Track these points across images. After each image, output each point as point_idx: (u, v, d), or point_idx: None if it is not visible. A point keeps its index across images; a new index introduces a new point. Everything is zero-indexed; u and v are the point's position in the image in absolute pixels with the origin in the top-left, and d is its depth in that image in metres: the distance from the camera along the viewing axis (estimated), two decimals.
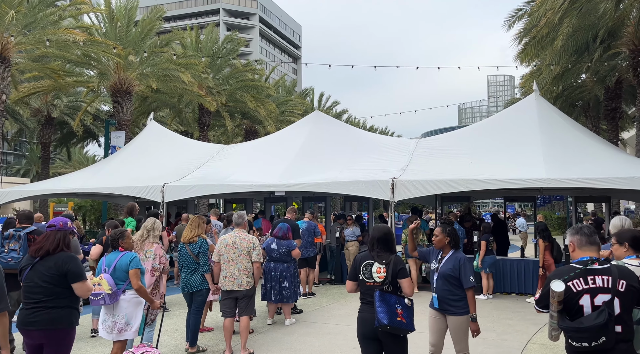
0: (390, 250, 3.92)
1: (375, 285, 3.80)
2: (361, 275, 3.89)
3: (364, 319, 3.83)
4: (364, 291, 3.88)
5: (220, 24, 79.83)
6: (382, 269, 3.81)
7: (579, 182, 8.44)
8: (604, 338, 2.71)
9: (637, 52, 16.06)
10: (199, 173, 12.06)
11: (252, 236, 6.11)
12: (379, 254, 3.87)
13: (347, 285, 4.02)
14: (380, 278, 3.79)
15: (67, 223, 3.89)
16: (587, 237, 3.04)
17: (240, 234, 5.96)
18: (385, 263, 3.82)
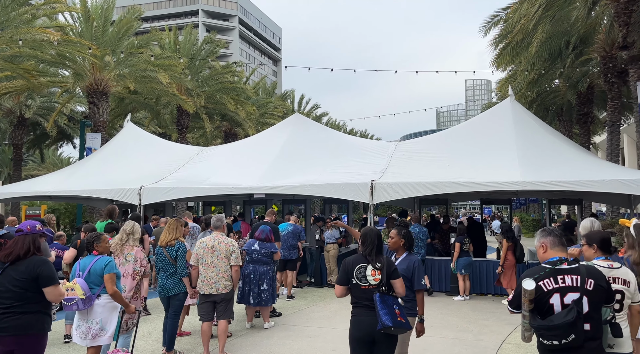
0: (381, 252, 3.93)
1: (371, 288, 3.77)
2: (355, 279, 3.82)
3: (361, 323, 3.77)
4: (358, 295, 3.82)
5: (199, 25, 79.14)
6: (377, 272, 3.79)
7: (552, 185, 8.65)
8: (573, 335, 2.79)
9: (608, 59, 16.57)
10: (177, 175, 11.93)
11: (231, 239, 6.09)
12: (374, 257, 3.85)
13: (337, 290, 3.92)
14: (376, 280, 3.78)
15: (36, 226, 3.81)
16: (558, 238, 3.13)
17: (219, 238, 5.94)
18: (379, 266, 3.81)
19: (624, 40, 13.69)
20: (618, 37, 14.21)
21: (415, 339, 6.26)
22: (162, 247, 5.94)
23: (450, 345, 6.27)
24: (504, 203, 15.62)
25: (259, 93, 33.32)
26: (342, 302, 8.97)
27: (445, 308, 8.62)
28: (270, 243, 7.45)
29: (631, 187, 8.29)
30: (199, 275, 5.87)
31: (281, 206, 16.69)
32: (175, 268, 5.83)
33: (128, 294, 5.35)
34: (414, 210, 15.17)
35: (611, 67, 16.54)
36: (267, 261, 7.36)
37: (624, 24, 13.49)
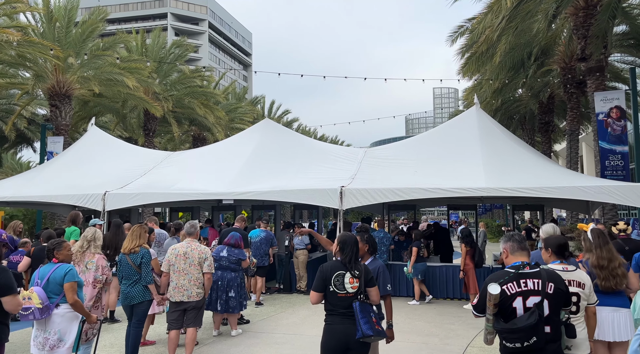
0: (358, 259, 3.89)
1: (348, 296, 3.70)
2: (332, 286, 3.73)
3: (336, 331, 3.69)
4: (334, 302, 3.74)
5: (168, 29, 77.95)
6: (355, 280, 3.73)
7: (515, 191, 8.90)
8: (535, 338, 2.87)
9: (568, 70, 17.25)
10: (144, 181, 11.67)
11: (204, 246, 6.02)
12: (353, 264, 3.79)
13: (312, 296, 3.80)
14: (354, 288, 3.71)
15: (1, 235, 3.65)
16: (518, 243, 3.22)
17: (192, 244, 5.87)
18: (358, 274, 3.75)
19: (582, 53, 14.29)
20: (577, 49, 14.81)
21: (383, 344, 6.31)
22: (125, 255, 5.78)
23: (417, 350, 6.34)
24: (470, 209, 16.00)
25: (229, 98, 33.03)
26: (311, 308, 8.94)
27: (413, 313, 8.72)
28: (239, 250, 7.38)
29: (589, 194, 8.61)
30: (170, 282, 5.77)
31: (251, 212, 16.55)
32: (140, 275, 5.69)
33: (88, 303, 5.17)
34: (383, 216, 15.33)
35: (570, 78, 17.22)
36: (235, 268, 7.29)
37: (582, 37, 14.08)
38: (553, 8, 12.07)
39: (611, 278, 4.11)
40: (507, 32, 13.42)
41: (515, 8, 12.43)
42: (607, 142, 12.57)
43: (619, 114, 12.42)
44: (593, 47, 13.66)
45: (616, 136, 12.44)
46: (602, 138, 12.76)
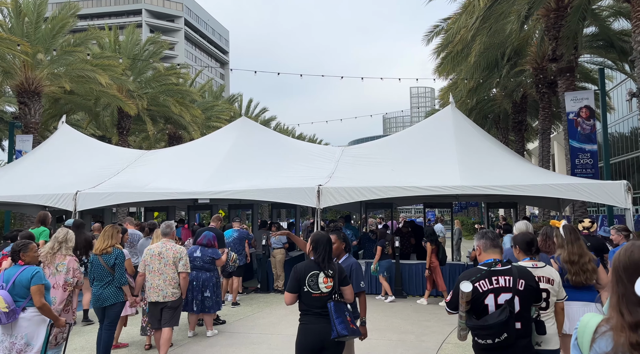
0: (332, 258, 3.86)
1: (322, 296, 3.68)
2: (306, 287, 3.69)
3: (311, 331, 3.66)
4: (308, 303, 3.70)
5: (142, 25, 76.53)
6: (329, 280, 3.70)
7: (489, 189, 9.05)
8: (506, 334, 2.91)
9: (539, 70, 17.64)
10: (117, 180, 11.43)
11: (179, 246, 5.99)
12: (326, 264, 3.76)
13: (287, 297, 3.76)
14: (328, 288, 3.69)
15: None
16: (491, 241, 3.26)
17: (167, 244, 5.85)
18: (332, 273, 3.72)
19: (554, 53, 14.63)
20: (548, 50, 15.16)
21: (359, 341, 6.32)
22: (97, 255, 5.65)
23: (393, 347, 6.38)
24: (446, 207, 16.18)
25: (206, 96, 32.64)
26: (288, 307, 8.91)
27: (389, 310, 8.78)
28: (213, 249, 7.30)
29: (560, 191, 8.81)
30: (146, 282, 5.74)
31: (227, 211, 16.40)
32: (112, 276, 5.57)
33: (58, 307, 5.02)
34: (360, 214, 15.39)
35: (542, 78, 17.61)
36: (210, 268, 7.21)
37: (553, 38, 14.41)
38: (525, 9, 12.31)
39: (581, 272, 4.22)
40: (481, 32, 13.64)
41: (488, 9, 12.63)
42: (577, 141, 12.89)
43: (589, 113, 12.75)
44: (564, 48, 13.99)
45: (586, 135, 12.78)
46: (572, 137, 13.09)
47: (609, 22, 15.94)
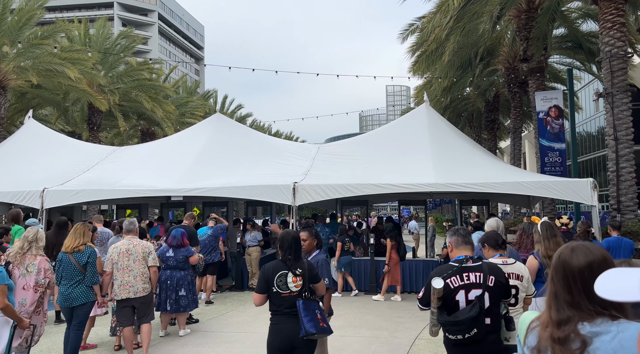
0: (300, 256, 3.83)
1: (292, 295, 3.64)
2: (275, 287, 3.65)
3: (280, 331, 3.63)
4: (278, 303, 3.67)
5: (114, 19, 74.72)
6: (298, 278, 3.66)
7: (462, 187, 9.19)
8: (476, 329, 2.95)
9: (511, 70, 18.00)
10: (87, 177, 11.15)
11: (146, 241, 6.01)
12: (294, 263, 3.71)
13: (256, 298, 3.71)
14: (297, 287, 3.65)
15: None
16: (463, 237, 3.30)
17: (133, 241, 5.89)
18: (300, 272, 3.68)
19: (524, 54, 14.95)
20: (519, 51, 15.48)
21: (334, 340, 6.33)
22: (67, 254, 5.49)
23: (367, 344, 6.41)
24: (420, 204, 16.38)
25: (180, 92, 32.12)
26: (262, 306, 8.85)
27: (364, 307, 8.83)
28: (186, 248, 7.19)
29: (530, 189, 9.02)
30: (115, 280, 5.71)
31: (202, 209, 16.20)
32: (83, 275, 5.43)
33: (29, 309, 4.85)
34: (336, 211, 15.43)
35: (514, 78, 17.98)
36: (184, 266, 7.11)
37: (524, 39, 14.71)
38: (497, 10, 12.53)
39: None
40: (455, 31, 13.82)
41: (462, 8, 12.81)
42: (546, 140, 13.21)
43: (557, 113, 13.08)
44: (534, 48, 14.31)
45: (555, 133, 13.11)
46: (542, 136, 13.40)
47: (577, 23, 16.38)
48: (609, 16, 10.55)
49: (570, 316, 1.50)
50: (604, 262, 1.53)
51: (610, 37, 10.55)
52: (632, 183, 10.26)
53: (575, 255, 1.59)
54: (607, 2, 10.55)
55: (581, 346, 1.43)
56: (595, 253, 1.58)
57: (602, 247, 1.65)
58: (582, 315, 1.48)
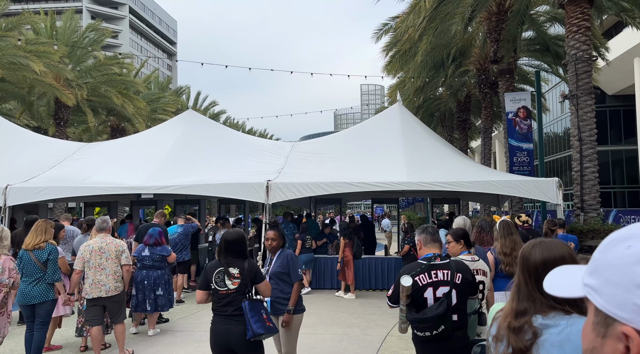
0: (243, 256, 3.78)
1: (229, 293, 3.63)
2: (213, 284, 3.67)
3: (216, 332, 3.63)
4: (216, 300, 3.67)
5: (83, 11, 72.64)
6: (236, 275, 3.66)
7: (433, 185, 9.33)
8: (443, 326, 3.00)
9: (482, 71, 18.35)
10: (53, 173, 10.83)
11: (119, 239, 5.95)
12: (230, 261, 3.71)
13: (198, 295, 3.72)
14: (234, 284, 3.63)
15: None
16: (431, 235, 3.35)
17: (106, 239, 5.80)
18: (239, 271, 3.66)
19: (495, 55, 15.25)
20: (490, 52, 15.79)
21: (306, 337, 6.35)
22: (27, 251, 5.33)
23: (338, 341, 6.44)
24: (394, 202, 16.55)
25: (151, 87, 31.49)
26: None
27: (336, 305, 8.87)
28: (162, 247, 7.08)
29: (498, 188, 9.23)
30: (86, 279, 5.62)
31: (173, 207, 15.94)
32: (44, 273, 5.29)
33: None
34: (310, 209, 15.43)
35: (484, 78, 18.34)
36: (160, 266, 7.01)
37: (494, 40, 15.02)
38: (469, 12, 12.74)
39: (514, 264, 4.49)
40: (428, 32, 13.99)
41: (435, 9, 12.98)
42: (515, 140, 13.54)
43: (526, 113, 13.41)
44: (504, 50, 14.63)
45: (523, 134, 13.44)
46: (511, 136, 13.72)
47: (545, 27, 16.82)
48: (575, 20, 10.87)
49: (527, 308, 1.56)
50: (562, 260, 1.58)
51: (576, 40, 10.88)
52: (595, 182, 10.62)
53: (534, 251, 1.67)
54: (573, 6, 10.87)
55: (532, 337, 1.49)
56: (554, 251, 1.64)
57: (565, 246, 1.71)
58: (538, 308, 1.55)
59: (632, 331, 0.55)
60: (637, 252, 0.57)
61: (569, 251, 1.69)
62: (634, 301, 0.55)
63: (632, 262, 0.57)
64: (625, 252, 0.58)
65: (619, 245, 0.60)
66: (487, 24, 15.27)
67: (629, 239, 0.59)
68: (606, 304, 0.58)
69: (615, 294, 0.57)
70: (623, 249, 0.59)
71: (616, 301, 0.57)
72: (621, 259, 0.58)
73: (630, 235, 0.60)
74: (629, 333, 0.55)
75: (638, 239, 0.58)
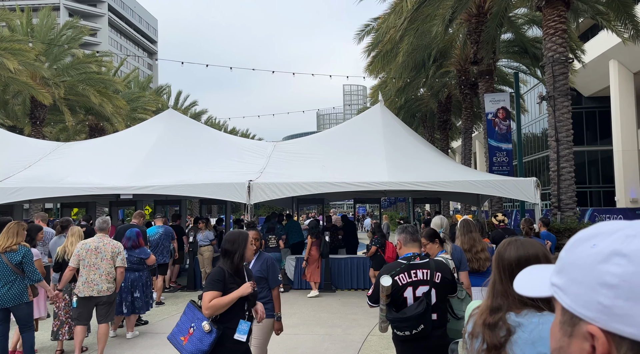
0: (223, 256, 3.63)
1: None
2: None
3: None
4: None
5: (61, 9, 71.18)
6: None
7: (413, 185, 9.39)
8: (423, 325, 3.02)
9: (463, 72, 18.57)
10: (28, 174, 10.58)
11: (117, 241, 6.01)
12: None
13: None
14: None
15: None
16: (411, 235, 3.36)
17: (104, 239, 5.84)
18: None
19: (475, 56, 15.45)
20: (470, 53, 15.99)
21: (287, 337, 6.32)
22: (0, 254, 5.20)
23: (320, 341, 6.44)
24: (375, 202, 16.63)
25: (131, 86, 31.03)
26: None
27: (318, 305, 8.86)
28: (140, 249, 6.98)
29: (478, 187, 9.34)
30: (80, 277, 5.65)
31: (153, 208, 15.73)
32: (17, 275, 5.18)
33: None
34: (292, 210, 15.40)
35: (465, 79, 18.57)
36: (139, 268, 6.91)
37: (474, 42, 15.21)
38: (449, 13, 12.88)
39: (475, 260, 4.64)
40: (409, 33, 14.09)
41: (415, 10, 13.08)
42: (494, 140, 13.73)
43: (505, 114, 13.62)
44: (484, 51, 14.82)
45: (502, 134, 13.64)
46: (490, 136, 13.92)
47: (524, 29, 17.10)
48: (552, 23, 11.07)
49: (502, 304, 1.59)
50: (536, 259, 1.61)
51: (553, 43, 11.08)
52: (572, 182, 10.84)
53: (509, 249, 1.70)
54: (550, 9, 11.07)
55: (506, 334, 1.52)
56: (528, 249, 1.66)
57: (540, 245, 1.74)
58: (511, 304, 1.58)
59: (598, 331, 0.55)
60: (601, 250, 0.57)
61: (543, 250, 1.71)
62: (598, 299, 0.56)
63: (597, 261, 0.57)
64: (590, 251, 0.59)
65: (584, 244, 0.60)
66: (467, 25, 15.45)
67: (594, 237, 0.60)
68: (572, 304, 0.59)
69: (581, 293, 0.58)
70: (588, 247, 0.59)
71: (582, 300, 0.57)
72: (586, 258, 0.58)
73: (595, 233, 0.60)
74: (594, 332, 0.56)
75: (603, 237, 0.59)
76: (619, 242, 0.56)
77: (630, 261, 0.54)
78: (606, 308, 0.54)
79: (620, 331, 0.53)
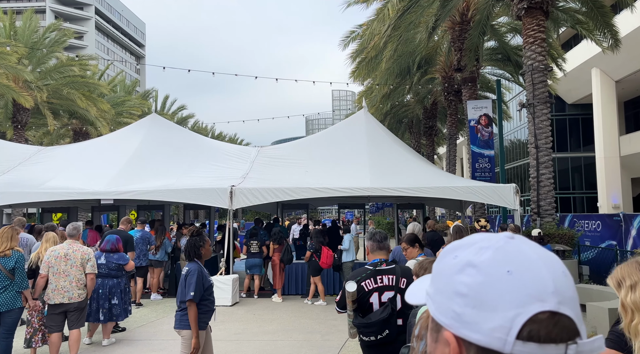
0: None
1: None
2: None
3: None
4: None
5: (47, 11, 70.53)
6: None
7: (396, 191, 9.46)
8: (387, 331, 3.05)
9: (447, 79, 18.78)
10: (7, 178, 10.49)
11: (87, 247, 5.93)
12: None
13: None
14: None
15: None
16: (378, 242, 3.40)
17: (73, 246, 5.74)
18: None
19: (458, 63, 15.65)
20: (454, 60, 16.19)
21: (264, 343, 6.31)
22: None
23: (298, 347, 6.43)
24: (359, 208, 16.69)
25: (117, 90, 30.82)
26: None
27: (299, 311, 8.85)
28: (119, 254, 6.91)
29: (459, 193, 9.44)
30: (50, 284, 5.57)
31: (136, 213, 15.60)
32: (10, 281, 5.14)
33: None
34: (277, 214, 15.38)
35: (449, 86, 18.77)
36: (117, 274, 6.84)
37: (458, 49, 15.41)
38: (432, 21, 13.04)
39: None
40: (392, 39, 14.22)
41: (399, 18, 13.21)
42: (477, 147, 13.89)
43: (487, 121, 13.79)
44: (467, 59, 15.01)
45: (484, 141, 13.81)
46: (473, 143, 14.07)
47: (506, 37, 17.36)
48: (531, 32, 11.27)
49: None
50: None
51: (532, 51, 11.27)
52: (551, 188, 10.99)
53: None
54: (529, 18, 11.27)
55: None
56: None
57: None
58: None
59: (451, 336, 0.59)
60: (459, 262, 0.61)
61: None
62: (452, 307, 0.59)
63: (455, 272, 0.60)
64: (451, 261, 0.62)
65: (448, 255, 0.64)
66: (451, 33, 15.64)
67: (457, 249, 0.63)
68: (435, 311, 0.62)
69: (442, 301, 0.61)
70: (451, 258, 0.63)
71: (442, 307, 0.61)
72: (448, 268, 0.62)
73: (459, 246, 0.63)
74: (448, 338, 0.59)
75: (464, 249, 0.62)
76: (472, 253, 0.60)
77: (479, 272, 0.58)
78: (458, 315, 0.58)
79: (468, 337, 0.57)
